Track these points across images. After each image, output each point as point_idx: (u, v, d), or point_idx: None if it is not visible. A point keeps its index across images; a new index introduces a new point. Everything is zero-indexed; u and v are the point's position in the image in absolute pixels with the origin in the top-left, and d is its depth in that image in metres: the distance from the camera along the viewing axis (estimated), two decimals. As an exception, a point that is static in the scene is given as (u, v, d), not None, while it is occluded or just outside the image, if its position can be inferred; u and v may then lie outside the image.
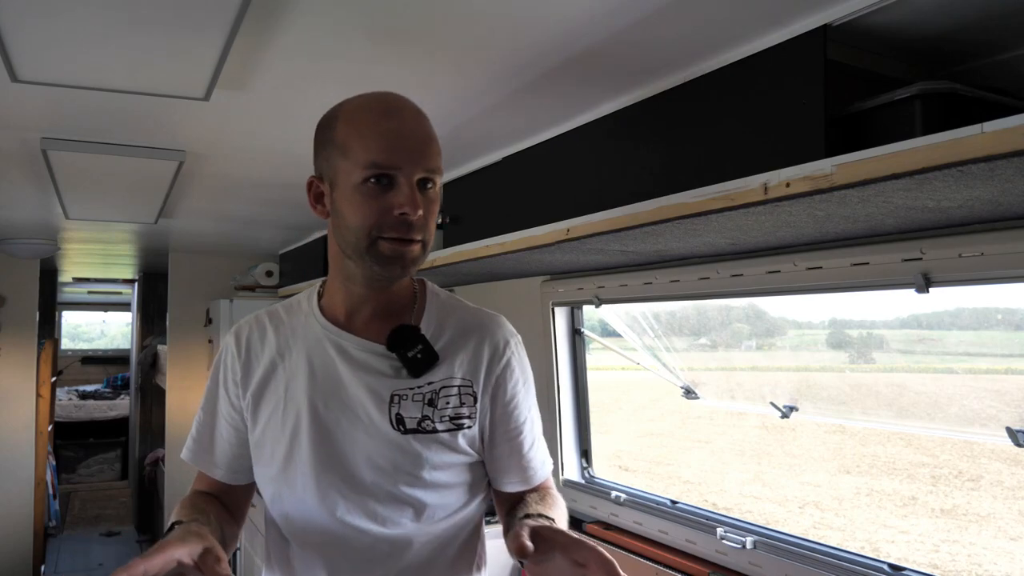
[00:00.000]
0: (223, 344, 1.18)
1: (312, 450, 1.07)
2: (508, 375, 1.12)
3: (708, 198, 1.19)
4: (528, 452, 1.14)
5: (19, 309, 4.34)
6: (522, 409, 1.14)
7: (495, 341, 1.13)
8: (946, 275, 1.30)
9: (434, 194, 1.03)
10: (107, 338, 9.74)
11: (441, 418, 1.07)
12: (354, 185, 1.00)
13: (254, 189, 2.54)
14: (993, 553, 4.77)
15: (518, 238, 1.74)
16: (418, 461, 1.06)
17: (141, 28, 1.17)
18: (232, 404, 1.15)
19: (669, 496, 2.09)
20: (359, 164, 0.99)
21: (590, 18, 1.15)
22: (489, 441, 1.12)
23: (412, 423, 1.06)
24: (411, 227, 0.99)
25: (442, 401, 1.07)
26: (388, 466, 1.06)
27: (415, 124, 1.02)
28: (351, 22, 1.19)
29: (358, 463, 1.06)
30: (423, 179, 1.00)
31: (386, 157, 0.98)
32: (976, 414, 1.56)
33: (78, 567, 5.20)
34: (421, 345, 1.08)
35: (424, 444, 1.06)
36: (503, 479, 1.15)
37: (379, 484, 1.06)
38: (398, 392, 1.07)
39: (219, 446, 1.17)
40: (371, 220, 0.99)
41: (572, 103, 1.55)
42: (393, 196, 0.98)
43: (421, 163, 0.99)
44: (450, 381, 1.08)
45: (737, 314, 2.49)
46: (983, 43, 1.11)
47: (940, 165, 0.85)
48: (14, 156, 2.06)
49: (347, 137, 1.01)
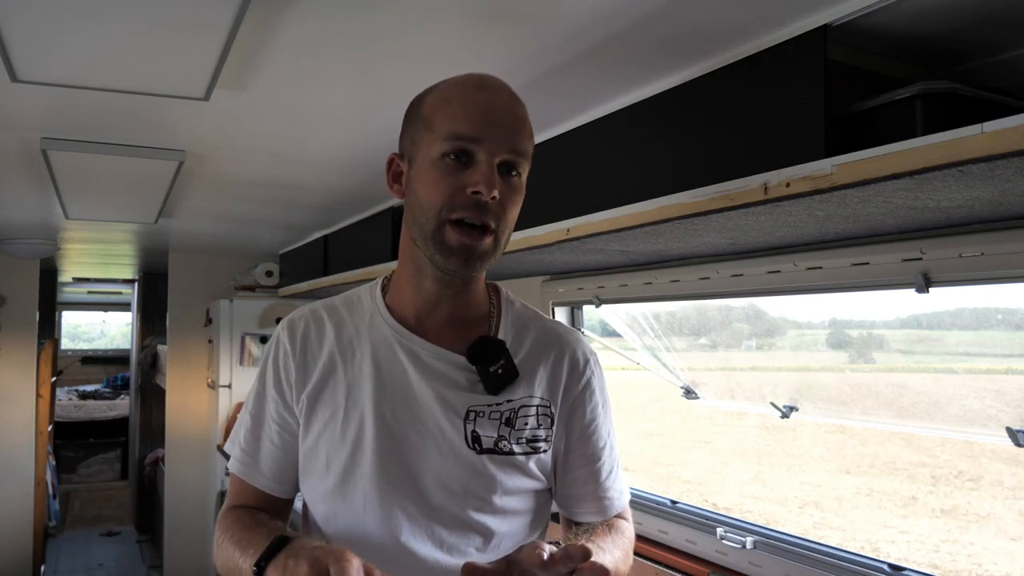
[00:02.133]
0: (274, 339, 1.06)
1: (377, 463, 0.96)
2: (588, 396, 1.05)
3: (708, 198, 1.19)
4: (605, 480, 1.06)
5: (19, 309, 4.34)
6: (601, 433, 1.06)
7: (575, 358, 1.05)
8: (946, 275, 1.30)
9: (518, 183, 0.95)
10: (107, 338, 9.75)
11: (518, 440, 0.99)
12: (432, 160, 0.92)
13: (254, 189, 2.54)
14: (993, 553, 4.77)
15: (518, 238, 1.74)
16: (491, 485, 0.97)
17: (141, 28, 1.17)
18: (285, 407, 1.03)
19: (669, 496, 2.09)
20: (440, 135, 0.92)
21: (590, 18, 1.15)
22: (564, 466, 1.04)
23: (488, 443, 0.97)
24: (483, 209, 0.90)
25: (520, 421, 0.99)
26: (458, 488, 0.96)
27: (508, 101, 0.95)
28: (350, 23, 1.19)
29: (427, 482, 0.96)
30: (506, 162, 0.92)
31: (469, 127, 0.90)
32: (976, 414, 1.55)
33: (78, 567, 5.20)
34: (503, 360, 0.99)
35: (499, 467, 0.97)
36: (577, 508, 1.06)
37: (447, 507, 0.96)
38: (475, 408, 0.98)
39: (266, 452, 1.04)
40: (443, 197, 0.91)
41: (571, 103, 1.55)
42: (470, 174, 0.90)
43: (505, 141, 0.91)
44: (529, 400, 1.00)
45: (737, 314, 2.49)
46: (983, 43, 1.11)
47: (940, 165, 0.85)
48: (14, 156, 2.06)
49: (434, 109, 0.94)
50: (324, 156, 2.08)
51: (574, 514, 1.07)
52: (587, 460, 1.05)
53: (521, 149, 0.93)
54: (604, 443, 1.06)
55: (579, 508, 1.06)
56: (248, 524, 0.97)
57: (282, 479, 1.05)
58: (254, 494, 1.06)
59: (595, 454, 1.05)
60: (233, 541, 0.94)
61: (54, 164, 2.03)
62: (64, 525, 6.03)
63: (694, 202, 1.22)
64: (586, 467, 1.05)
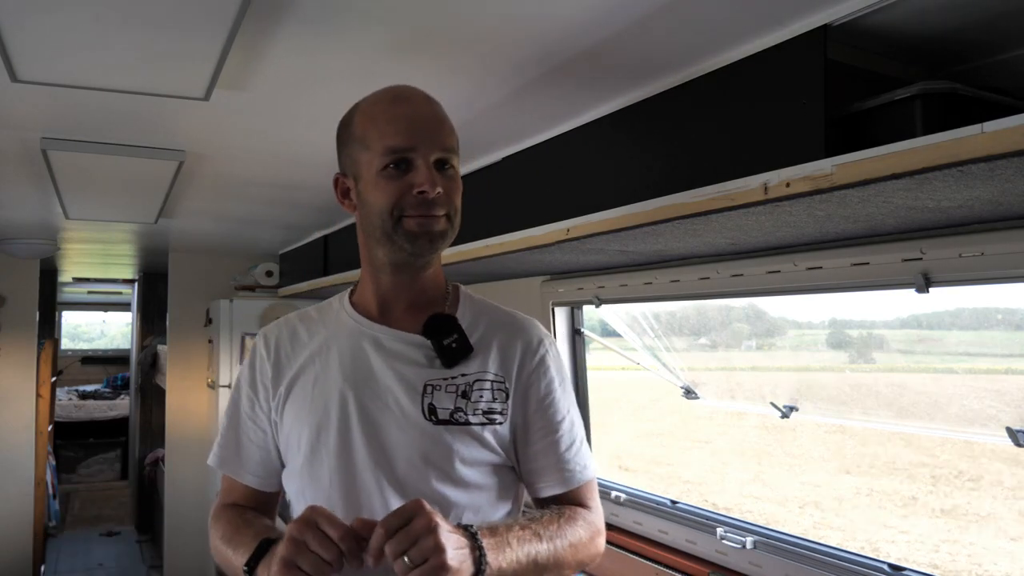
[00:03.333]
0: (251, 350, 1.19)
1: (340, 440, 1.05)
2: (542, 372, 1.11)
3: (708, 198, 1.19)
4: (565, 452, 1.11)
5: (19, 309, 4.34)
6: (559, 407, 1.12)
7: (528, 339, 1.13)
8: (946, 275, 1.30)
9: (453, 173, 1.06)
10: (107, 338, 9.74)
11: (474, 411, 1.06)
12: (376, 173, 1.03)
13: (254, 189, 2.54)
14: (993, 553, 4.77)
15: (518, 238, 1.74)
16: (449, 454, 1.04)
17: (141, 28, 1.17)
18: (260, 406, 1.14)
19: (669, 496, 2.09)
20: (378, 152, 1.03)
21: (590, 18, 1.15)
22: (523, 440, 1.10)
23: (444, 414, 1.05)
24: (431, 204, 1.02)
25: (475, 394, 1.06)
26: (419, 458, 1.04)
27: (426, 108, 1.06)
28: (350, 23, 1.19)
29: (389, 455, 1.04)
30: (440, 160, 1.04)
31: (401, 140, 1.02)
32: (976, 414, 1.55)
33: (78, 567, 5.20)
34: (456, 334, 1.08)
35: (455, 436, 1.04)
36: (540, 481, 1.11)
37: (408, 478, 1.03)
38: (431, 382, 1.06)
39: (248, 450, 1.15)
40: (393, 200, 1.02)
41: (572, 103, 1.55)
42: (412, 176, 1.02)
43: (435, 143, 1.03)
44: (484, 375, 1.08)
45: (737, 314, 2.49)
46: (983, 43, 1.11)
47: (940, 165, 0.85)
48: (14, 156, 2.06)
49: (365, 129, 1.06)
50: (324, 156, 2.06)
51: (538, 489, 1.12)
52: (545, 432, 1.10)
53: (449, 145, 1.06)
54: (562, 417, 1.12)
55: (542, 482, 1.11)
56: (237, 524, 1.08)
57: (264, 474, 1.15)
58: (241, 491, 1.16)
59: (553, 427, 1.11)
60: (225, 540, 1.07)
61: (54, 164, 2.03)
62: (64, 525, 6.03)
63: (694, 202, 1.22)
64: (545, 439, 1.10)
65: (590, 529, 1.09)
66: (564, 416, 1.12)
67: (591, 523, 1.10)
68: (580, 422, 1.15)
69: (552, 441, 1.10)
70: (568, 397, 1.14)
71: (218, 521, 1.11)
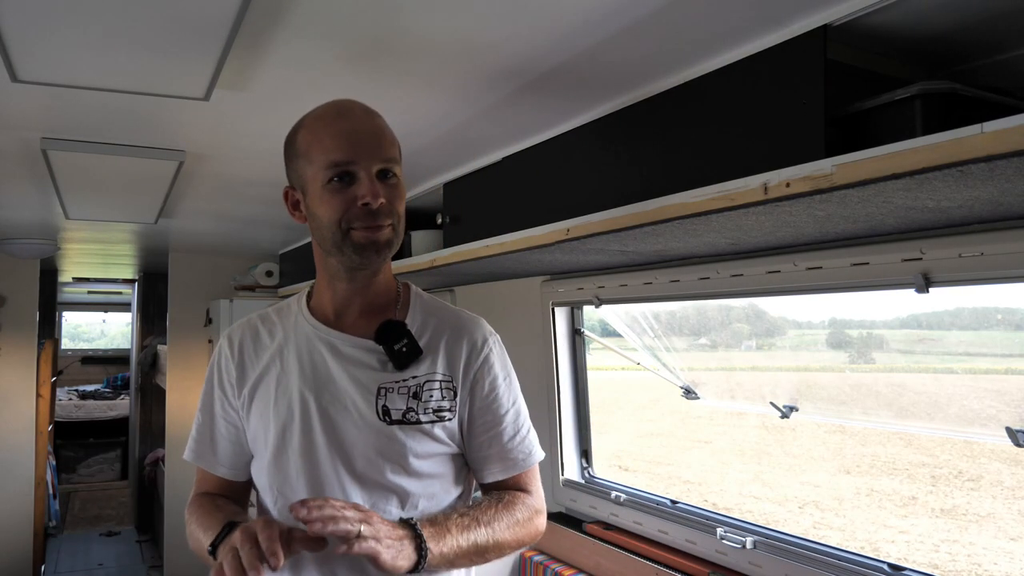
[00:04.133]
0: (216, 349, 1.26)
1: (303, 439, 1.13)
2: (486, 371, 1.19)
3: (708, 198, 1.19)
4: (508, 442, 1.19)
5: (19, 309, 4.34)
6: (502, 402, 1.20)
7: (473, 339, 1.20)
8: (946, 275, 1.30)
9: (396, 182, 1.12)
10: (107, 338, 9.75)
11: (425, 410, 1.14)
12: (321, 186, 1.09)
13: (254, 189, 2.54)
14: (993, 553, 4.78)
15: (518, 238, 1.74)
16: (403, 450, 1.12)
17: (141, 28, 1.17)
18: (229, 403, 1.22)
19: (669, 496, 2.09)
20: (321, 166, 1.08)
21: (591, 18, 1.15)
22: (469, 433, 1.19)
23: (397, 414, 1.13)
24: (375, 215, 1.08)
25: (426, 394, 1.14)
26: (375, 455, 1.12)
27: (366, 121, 1.12)
28: (348, 23, 1.19)
29: (348, 452, 1.12)
30: (382, 170, 1.09)
31: (342, 154, 1.07)
32: (976, 414, 1.56)
33: (78, 567, 5.20)
34: (406, 340, 1.15)
35: (408, 434, 1.13)
36: (485, 469, 1.20)
37: (367, 472, 1.12)
38: (384, 385, 1.14)
39: (220, 445, 1.23)
40: (339, 213, 1.08)
41: (572, 103, 1.55)
42: (355, 189, 1.08)
43: (375, 155, 1.08)
44: (433, 376, 1.16)
45: (737, 314, 2.49)
46: (983, 43, 1.11)
47: (940, 165, 0.85)
48: (14, 156, 2.06)
49: (308, 145, 1.11)
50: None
51: (483, 476, 1.21)
52: (489, 426, 1.18)
53: (389, 156, 1.10)
54: (506, 410, 1.20)
55: (486, 469, 1.20)
56: (209, 510, 1.16)
57: (234, 465, 1.23)
58: (214, 481, 1.25)
59: (496, 420, 1.19)
60: (198, 524, 1.14)
61: (54, 164, 2.03)
62: (64, 525, 6.03)
63: (694, 202, 1.22)
64: (489, 431, 1.18)
65: (528, 511, 1.18)
66: (507, 410, 1.20)
67: (530, 506, 1.19)
68: (525, 411, 1.24)
69: (496, 433, 1.19)
70: (512, 390, 1.22)
71: (192, 509, 1.20)
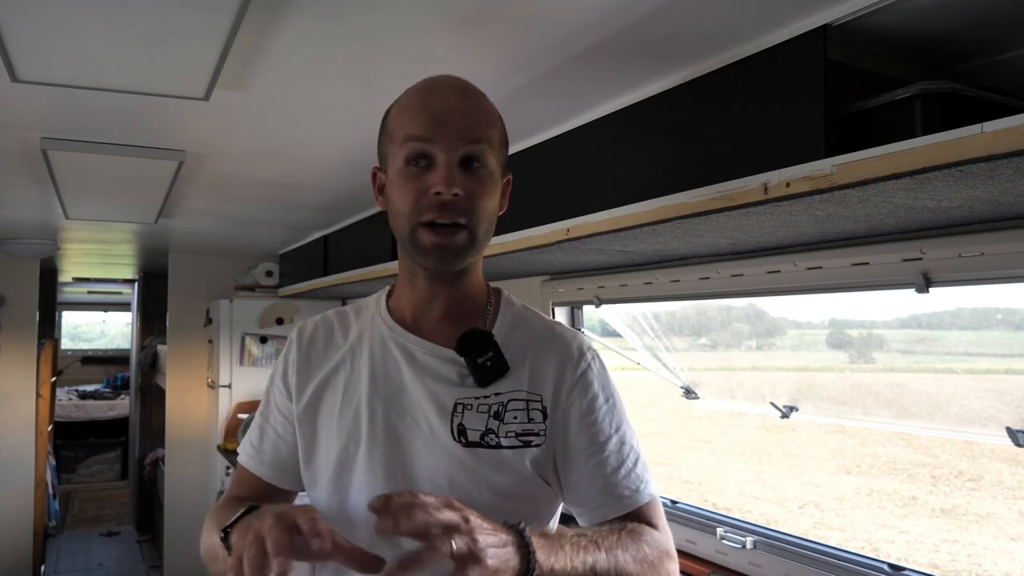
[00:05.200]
0: (288, 340, 1.14)
1: (368, 457, 0.99)
2: (583, 389, 1.02)
3: (708, 198, 1.19)
4: (612, 475, 0.99)
5: (19, 309, 4.34)
6: (603, 427, 1.01)
7: (568, 353, 1.04)
8: (946, 275, 1.30)
9: (484, 173, 0.97)
10: (107, 338, 9.75)
11: (507, 433, 0.98)
12: (399, 168, 0.97)
13: (254, 189, 2.54)
14: (993, 553, 4.78)
15: (518, 238, 1.74)
16: (475, 479, 0.96)
17: (141, 28, 1.17)
18: (287, 400, 1.09)
19: (669, 496, 2.09)
20: (399, 142, 0.96)
21: (591, 17, 1.15)
22: (564, 463, 1.00)
23: (475, 435, 0.97)
24: (449, 208, 0.93)
25: (509, 415, 0.98)
26: (445, 482, 0.96)
27: (457, 98, 0.98)
28: (350, 23, 1.19)
29: (415, 476, 0.97)
30: (467, 156, 0.95)
31: (420, 129, 0.95)
32: (976, 414, 1.56)
33: (78, 567, 5.20)
34: (492, 352, 1.00)
35: (485, 460, 0.97)
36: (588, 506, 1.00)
37: None
38: (462, 401, 0.99)
39: (267, 441, 1.10)
40: (411, 202, 0.95)
41: (572, 103, 1.55)
42: (431, 176, 0.94)
43: (459, 136, 0.94)
44: (518, 394, 1.00)
45: (737, 314, 2.49)
46: (983, 43, 1.10)
47: (940, 165, 0.85)
48: (14, 156, 2.06)
49: (394, 120, 1.00)
50: (324, 156, 2.08)
51: (587, 515, 1.01)
52: (589, 455, 1.00)
53: (478, 137, 0.96)
54: (607, 437, 1.01)
55: (590, 506, 1.00)
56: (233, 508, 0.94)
57: (280, 468, 1.09)
58: (253, 484, 1.10)
59: (597, 447, 1.00)
60: (213, 524, 0.96)
61: (54, 164, 2.03)
62: (64, 525, 6.03)
63: (694, 202, 1.22)
64: (589, 461, 1.00)
65: (657, 548, 0.97)
66: (609, 436, 1.01)
67: (659, 542, 0.98)
68: (632, 441, 1.04)
69: (598, 462, 1.00)
70: (616, 416, 1.03)
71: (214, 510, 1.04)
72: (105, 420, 7.78)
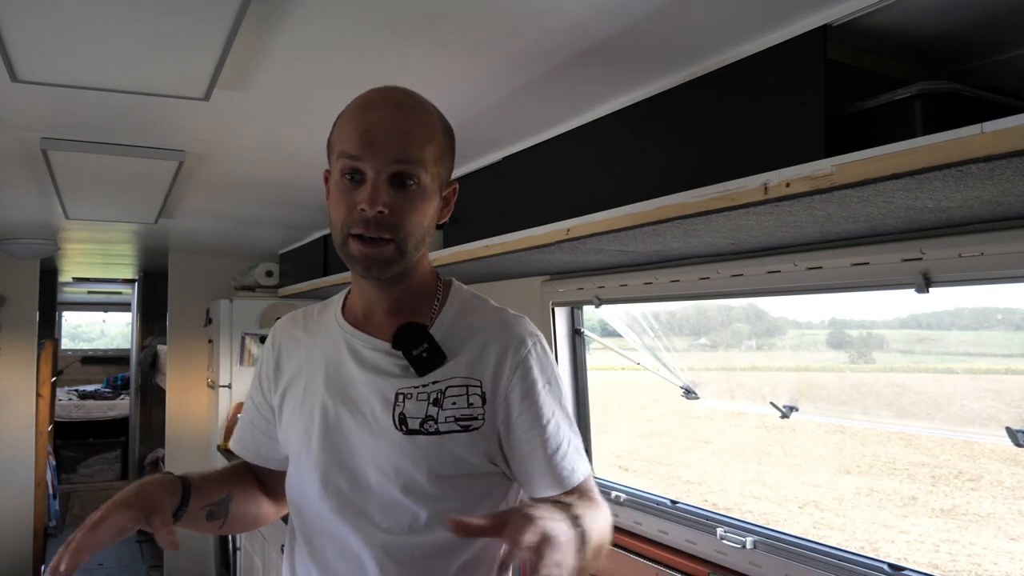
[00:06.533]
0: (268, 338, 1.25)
1: (319, 446, 1.08)
2: (523, 373, 1.05)
3: (708, 198, 1.19)
4: (553, 455, 1.05)
5: (19, 309, 4.34)
6: (542, 410, 1.05)
7: (509, 339, 1.07)
8: (946, 275, 1.30)
9: (416, 191, 0.99)
10: (107, 338, 9.75)
11: (446, 419, 1.02)
12: (335, 180, 1.01)
13: (254, 189, 2.54)
14: (993, 553, 4.77)
15: (518, 238, 1.74)
16: (418, 464, 1.01)
17: (141, 28, 1.17)
18: (264, 396, 1.19)
19: (669, 496, 2.09)
20: (336, 157, 1.01)
21: (591, 17, 1.15)
22: (509, 443, 1.05)
23: (415, 423, 1.02)
24: (370, 224, 0.97)
25: (448, 401, 1.03)
26: (390, 468, 1.03)
27: (393, 116, 0.99)
28: (350, 21, 1.19)
29: (362, 463, 1.05)
30: (396, 174, 0.97)
31: (352, 147, 0.98)
32: (976, 414, 1.56)
33: (78, 567, 5.19)
34: (427, 344, 1.05)
35: (426, 446, 1.02)
36: (534, 484, 1.06)
37: (381, 487, 1.03)
38: (403, 391, 1.04)
39: (246, 428, 1.23)
40: (343, 215, 0.99)
41: (572, 103, 1.55)
42: (360, 192, 0.97)
43: (389, 156, 0.96)
44: (455, 380, 1.04)
45: (737, 314, 2.49)
46: (983, 43, 1.11)
47: (940, 165, 0.85)
48: (14, 156, 2.06)
49: (335, 133, 1.04)
50: (324, 156, 2.07)
51: (532, 491, 1.07)
52: (531, 436, 1.05)
53: (408, 158, 0.97)
54: (547, 420, 1.05)
55: (536, 484, 1.06)
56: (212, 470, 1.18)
57: (257, 455, 1.21)
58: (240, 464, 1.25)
59: (537, 429, 1.05)
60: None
61: (54, 164, 2.03)
62: (64, 525, 6.02)
63: (694, 202, 1.22)
64: (531, 442, 1.05)
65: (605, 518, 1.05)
66: (549, 420, 1.06)
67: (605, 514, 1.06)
68: (566, 424, 1.09)
69: (539, 443, 1.05)
70: (554, 400, 1.07)
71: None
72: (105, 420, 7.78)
